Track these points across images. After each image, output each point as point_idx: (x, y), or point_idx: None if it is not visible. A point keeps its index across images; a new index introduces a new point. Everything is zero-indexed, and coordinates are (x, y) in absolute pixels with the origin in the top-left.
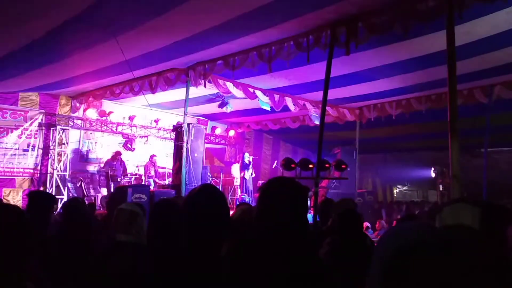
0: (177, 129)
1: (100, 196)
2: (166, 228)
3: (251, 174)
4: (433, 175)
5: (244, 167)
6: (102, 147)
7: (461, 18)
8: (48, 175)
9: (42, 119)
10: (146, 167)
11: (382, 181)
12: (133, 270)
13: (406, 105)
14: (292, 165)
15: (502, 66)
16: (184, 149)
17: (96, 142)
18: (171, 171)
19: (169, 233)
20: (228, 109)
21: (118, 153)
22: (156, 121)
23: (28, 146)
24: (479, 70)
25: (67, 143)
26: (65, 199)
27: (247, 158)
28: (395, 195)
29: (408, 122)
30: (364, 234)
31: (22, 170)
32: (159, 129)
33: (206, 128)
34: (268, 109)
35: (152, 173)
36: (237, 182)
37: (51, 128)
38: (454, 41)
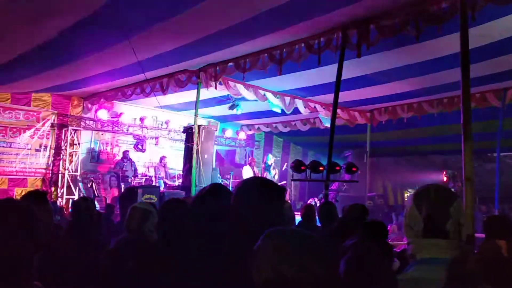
0: (188, 131)
1: (110, 197)
2: (175, 225)
3: (273, 176)
4: (444, 178)
5: (265, 169)
6: (113, 148)
7: (474, 19)
8: (60, 175)
9: (54, 120)
10: (156, 168)
11: (393, 185)
12: (145, 267)
13: (417, 108)
14: (302, 167)
15: None
16: (194, 151)
17: (107, 143)
18: (181, 172)
19: (178, 230)
20: (238, 111)
21: (126, 152)
22: (167, 122)
23: (40, 146)
24: (492, 73)
25: (79, 144)
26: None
27: (270, 160)
28: (405, 199)
29: (419, 126)
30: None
31: (34, 170)
32: (170, 130)
33: (216, 130)
34: (279, 111)
35: (162, 174)
36: None
37: (63, 129)
38: (468, 43)
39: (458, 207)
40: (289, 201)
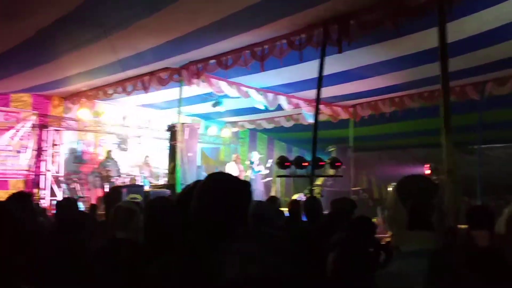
0: (171, 129)
1: (95, 197)
2: (160, 223)
3: (259, 172)
4: (428, 171)
5: (251, 165)
6: (96, 148)
7: (451, 13)
8: (42, 176)
9: (35, 120)
10: (140, 168)
11: (377, 179)
12: (131, 267)
13: (399, 103)
14: (287, 163)
15: (494, 63)
16: (179, 149)
17: (90, 143)
18: (165, 171)
19: (164, 229)
20: (221, 108)
21: (109, 152)
22: (150, 121)
23: (21, 147)
24: (471, 67)
25: (61, 144)
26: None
27: (254, 156)
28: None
29: (401, 120)
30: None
31: (15, 171)
32: (153, 129)
33: (200, 128)
34: (263, 107)
35: (147, 173)
36: None
37: (44, 129)
38: (446, 37)
39: (441, 197)
40: (276, 197)
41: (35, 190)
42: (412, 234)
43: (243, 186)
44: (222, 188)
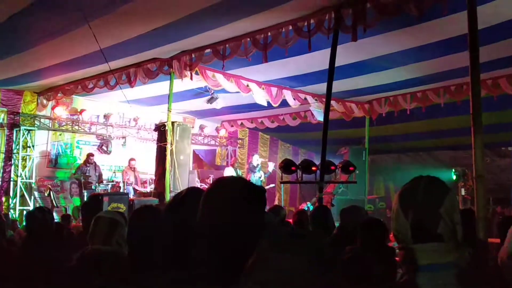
0: (160, 129)
1: (72, 206)
2: (147, 236)
3: (260, 177)
4: (454, 177)
5: (250, 170)
6: (74, 150)
7: None
8: (12, 183)
9: (3, 119)
10: (124, 173)
11: (395, 186)
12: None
13: (422, 98)
14: (292, 168)
15: None
16: (168, 151)
17: (66, 145)
18: (153, 177)
19: (150, 242)
20: (218, 105)
21: (90, 155)
22: (136, 119)
23: None
24: (505, 56)
25: (33, 146)
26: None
27: (256, 160)
28: None
29: (424, 118)
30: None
31: None
32: (139, 128)
33: (193, 127)
34: (265, 104)
35: (132, 179)
36: None
37: (14, 129)
38: (477, 23)
39: (450, 204)
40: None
41: (3, 199)
42: (419, 247)
43: (261, 194)
44: (238, 199)
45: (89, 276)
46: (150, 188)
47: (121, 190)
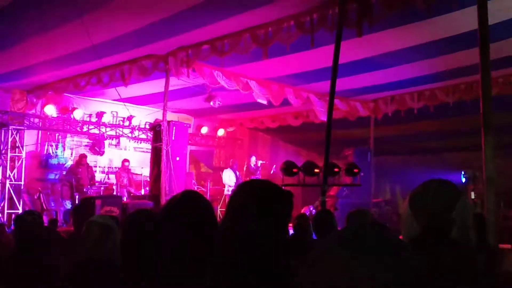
0: (155, 128)
1: (62, 210)
2: (141, 242)
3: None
4: (463, 180)
5: (250, 172)
6: (65, 151)
7: None
8: None
9: None
10: (117, 174)
11: (402, 189)
12: None
13: (430, 97)
14: (294, 170)
15: None
16: (164, 152)
17: (57, 145)
18: (148, 179)
19: (145, 248)
20: (216, 103)
21: (82, 156)
22: (130, 118)
23: None
24: None
25: (22, 146)
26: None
27: (253, 162)
28: None
29: (432, 118)
30: None
31: None
32: (133, 128)
33: (190, 127)
34: (265, 103)
35: (125, 181)
36: (228, 191)
37: (2, 129)
38: (487, 18)
39: (463, 208)
40: None
41: None
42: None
43: (285, 196)
44: (267, 202)
45: (81, 286)
46: (144, 190)
47: (114, 193)
